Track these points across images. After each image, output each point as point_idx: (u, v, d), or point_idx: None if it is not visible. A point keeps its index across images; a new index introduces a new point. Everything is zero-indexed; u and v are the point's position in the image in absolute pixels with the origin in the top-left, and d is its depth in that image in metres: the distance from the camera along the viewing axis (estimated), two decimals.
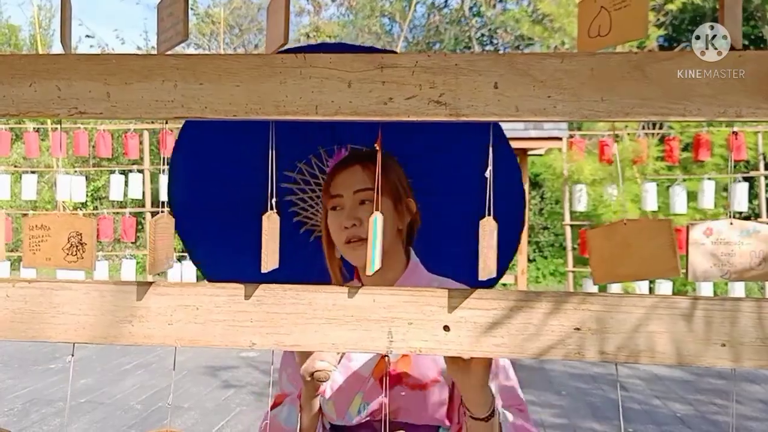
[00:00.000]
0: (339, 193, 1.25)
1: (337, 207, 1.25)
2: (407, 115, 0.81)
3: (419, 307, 0.82)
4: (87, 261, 0.86)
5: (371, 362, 1.23)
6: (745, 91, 0.75)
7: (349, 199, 1.24)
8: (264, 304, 0.84)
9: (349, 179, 1.25)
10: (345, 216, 1.23)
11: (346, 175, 1.26)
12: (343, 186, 1.25)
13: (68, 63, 0.84)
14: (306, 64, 0.82)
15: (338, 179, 1.25)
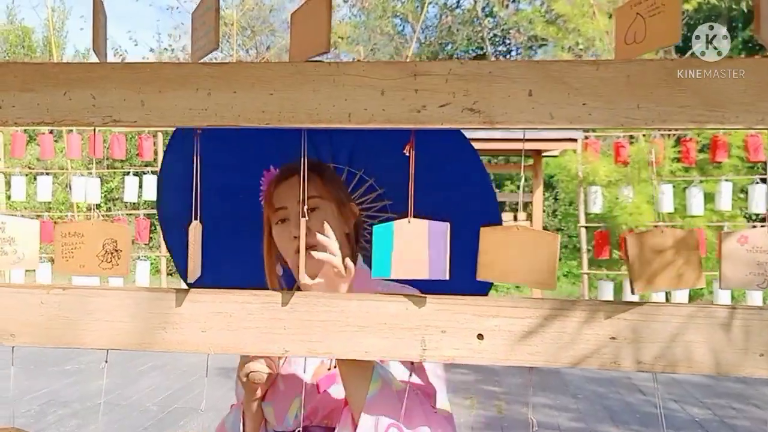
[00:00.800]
0: (283, 206, 1.24)
1: (285, 219, 1.24)
2: (440, 122, 0.81)
3: (452, 315, 0.82)
4: (122, 267, 0.86)
5: (310, 366, 1.22)
6: None
7: (294, 210, 1.23)
8: (297, 311, 0.84)
9: (293, 190, 1.24)
10: (294, 226, 1.22)
11: (287, 186, 1.25)
12: (286, 198, 1.24)
13: (103, 72, 0.84)
14: (339, 72, 0.82)
15: (280, 191, 1.25)
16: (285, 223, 1.24)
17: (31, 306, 0.87)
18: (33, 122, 0.86)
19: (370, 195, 1.45)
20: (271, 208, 1.25)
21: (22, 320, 0.87)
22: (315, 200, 1.24)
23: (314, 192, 1.25)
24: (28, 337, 0.87)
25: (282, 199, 1.25)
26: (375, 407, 1.02)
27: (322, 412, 1.19)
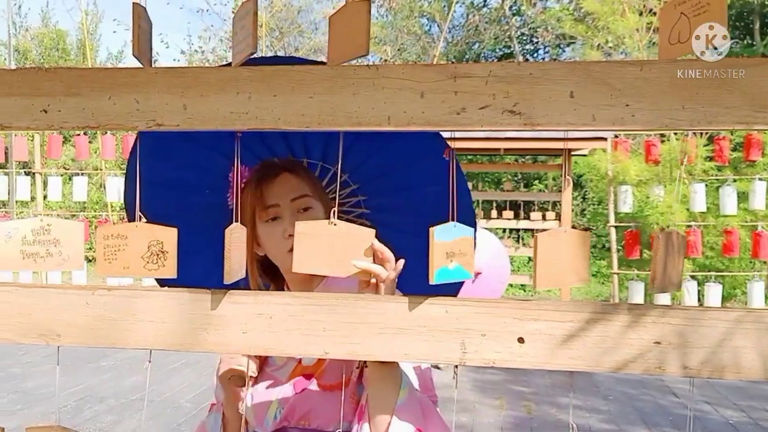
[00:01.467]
0: (275, 203, 1.22)
1: (277, 217, 1.23)
2: (480, 125, 0.81)
3: (492, 318, 0.81)
4: (169, 268, 0.87)
5: (288, 367, 1.22)
6: None
7: (287, 208, 1.22)
8: (337, 313, 0.85)
9: (284, 188, 1.23)
10: (287, 224, 1.20)
11: (280, 183, 1.23)
12: (278, 195, 1.22)
13: (146, 76, 0.86)
14: (378, 75, 0.82)
15: (272, 189, 1.23)
16: (277, 221, 1.22)
17: (76, 307, 0.89)
18: (79, 126, 0.87)
19: (344, 190, 1.43)
20: (261, 206, 1.23)
21: (68, 320, 0.89)
22: (308, 199, 1.24)
23: (307, 191, 1.25)
24: (73, 338, 0.89)
25: (274, 196, 1.23)
26: (405, 413, 1.01)
27: (299, 413, 1.18)
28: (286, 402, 1.19)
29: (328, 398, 1.17)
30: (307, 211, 1.24)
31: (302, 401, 1.18)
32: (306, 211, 1.24)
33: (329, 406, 1.16)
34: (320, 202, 1.27)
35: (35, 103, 0.88)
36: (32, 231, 0.93)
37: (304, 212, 1.24)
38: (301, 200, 1.23)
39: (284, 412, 1.19)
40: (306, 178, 1.28)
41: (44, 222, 0.93)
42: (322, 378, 1.19)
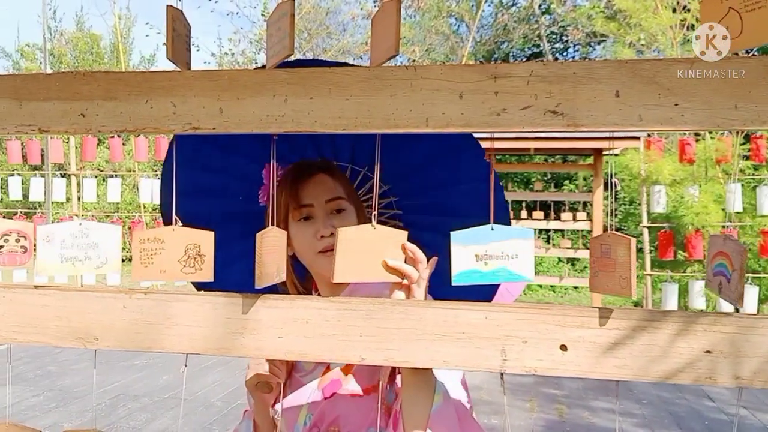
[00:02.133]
0: (309, 203, 1.22)
1: (309, 217, 1.22)
2: (521, 126, 0.79)
3: (534, 324, 0.79)
4: (206, 272, 0.87)
5: (316, 372, 1.20)
6: None
7: (321, 209, 1.21)
8: (374, 318, 0.83)
9: (319, 188, 1.22)
10: (321, 225, 1.20)
11: (314, 184, 1.23)
12: (312, 195, 1.22)
13: (183, 80, 0.85)
14: (416, 76, 0.81)
15: (307, 189, 1.22)
16: (309, 221, 1.22)
17: (114, 310, 0.89)
18: (116, 130, 0.87)
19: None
20: (295, 204, 1.22)
21: (105, 324, 0.89)
22: (342, 202, 1.23)
23: (342, 193, 1.24)
24: (111, 341, 0.89)
25: (308, 196, 1.22)
26: (440, 420, 0.99)
27: (328, 418, 1.17)
28: (316, 408, 1.18)
29: (357, 403, 1.16)
30: (341, 213, 1.23)
31: (331, 407, 1.16)
32: (339, 213, 1.23)
33: (359, 411, 1.15)
34: (353, 204, 1.26)
35: (73, 107, 0.88)
36: (70, 234, 0.93)
37: (337, 214, 1.23)
38: (335, 202, 1.23)
39: (314, 418, 1.18)
40: (340, 180, 1.27)
41: (82, 226, 0.94)
42: (349, 384, 1.17)
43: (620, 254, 0.76)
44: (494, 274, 0.84)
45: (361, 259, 0.86)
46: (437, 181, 1.37)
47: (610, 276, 0.78)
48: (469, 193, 1.34)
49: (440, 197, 1.37)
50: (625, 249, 0.76)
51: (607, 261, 0.79)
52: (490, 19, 18.33)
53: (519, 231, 0.84)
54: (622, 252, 0.76)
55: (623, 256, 0.76)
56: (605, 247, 0.81)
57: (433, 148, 1.33)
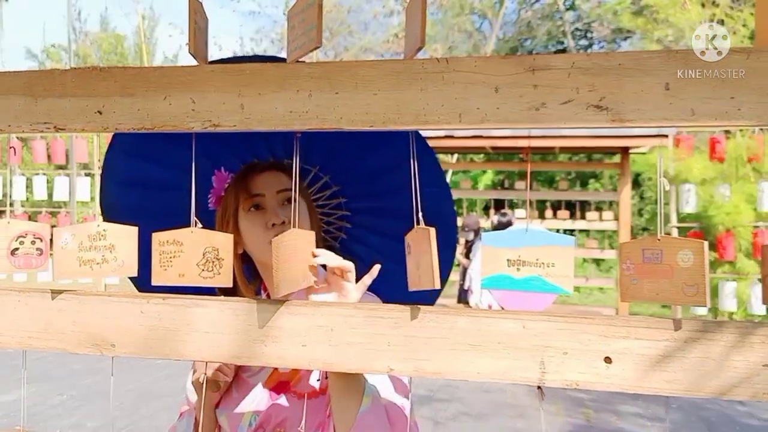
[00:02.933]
0: (260, 192, 1.21)
1: (260, 206, 1.20)
2: (562, 121, 0.73)
3: (575, 335, 0.74)
4: (224, 277, 0.83)
5: (264, 373, 1.19)
6: None
7: (272, 198, 1.20)
8: (402, 326, 0.79)
9: (271, 180, 1.22)
10: (272, 214, 1.18)
11: (266, 176, 1.23)
12: (264, 186, 1.21)
13: (202, 75, 0.81)
14: (449, 69, 0.76)
15: (258, 180, 1.22)
16: (260, 211, 1.20)
17: (131, 316, 0.85)
18: (134, 128, 0.84)
19: (325, 191, 1.41)
20: (246, 194, 1.20)
21: (122, 330, 0.85)
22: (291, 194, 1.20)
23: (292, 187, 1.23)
24: (128, 348, 0.85)
25: (259, 186, 1.21)
26: (368, 422, 0.99)
27: (274, 421, 1.15)
28: (262, 409, 1.17)
29: (302, 406, 1.13)
30: (288, 205, 1.22)
31: (278, 409, 1.15)
32: (290, 203, 1.21)
33: (306, 413, 1.13)
34: (304, 200, 1.26)
35: (90, 104, 0.85)
36: (89, 236, 0.90)
37: (287, 204, 1.21)
38: (286, 192, 1.22)
39: (259, 420, 1.16)
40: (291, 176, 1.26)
41: (100, 227, 0.90)
42: (298, 386, 1.16)
43: (683, 259, 0.71)
44: (527, 282, 0.78)
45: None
46: (391, 185, 1.36)
47: (664, 283, 0.72)
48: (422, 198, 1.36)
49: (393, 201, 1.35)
50: (694, 253, 0.70)
51: (655, 267, 0.73)
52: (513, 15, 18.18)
53: (558, 237, 0.79)
54: (687, 256, 0.70)
55: (688, 261, 0.70)
56: (652, 252, 0.75)
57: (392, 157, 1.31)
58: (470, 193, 10.63)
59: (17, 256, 0.92)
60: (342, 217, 1.43)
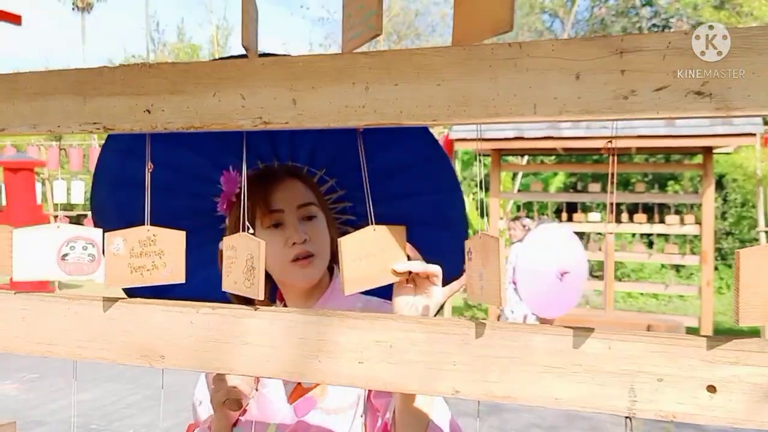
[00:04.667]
0: (279, 208, 1.14)
1: (280, 224, 1.14)
2: (655, 110, 0.63)
3: (673, 358, 0.63)
4: (255, 288, 0.77)
5: (287, 388, 1.14)
6: None
7: (292, 214, 1.14)
8: (469, 344, 0.70)
9: (290, 193, 1.16)
10: (292, 231, 1.13)
11: (284, 189, 1.16)
12: (283, 200, 1.15)
13: (253, 68, 0.76)
14: (522, 54, 0.67)
15: (277, 194, 1.15)
16: (279, 228, 1.14)
17: (180, 326, 0.81)
18: (183, 127, 0.79)
19: (331, 195, 1.34)
20: (264, 210, 1.14)
21: (172, 341, 0.81)
22: (312, 208, 1.17)
23: (313, 199, 1.17)
24: (177, 360, 0.81)
25: (279, 201, 1.14)
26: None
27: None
28: (286, 427, 1.11)
29: (333, 422, 1.09)
30: (312, 220, 1.17)
31: (304, 426, 1.09)
32: (310, 219, 1.17)
33: (333, 429, 1.09)
34: (323, 211, 1.20)
35: (139, 103, 0.81)
36: (139, 242, 0.86)
37: (308, 221, 1.16)
38: (306, 208, 1.16)
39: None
40: (310, 186, 1.21)
41: (150, 231, 0.86)
42: (324, 401, 1.10)
43: None
44: None
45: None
46: (399, 190, 1.31)
47: None
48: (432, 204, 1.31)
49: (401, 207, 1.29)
50: None
51: None
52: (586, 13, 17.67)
53: None
54: None
55: None
56: None
57: (401, 158, 1.27)
58: (541, 196, 10.35)
59: (68, 262, 0.89)
60: (346, 222, 1.38)
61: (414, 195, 1.33)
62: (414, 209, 1.31)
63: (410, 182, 1.31)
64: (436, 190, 1.32)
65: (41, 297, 0.87)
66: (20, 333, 0.87)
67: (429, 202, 1.32)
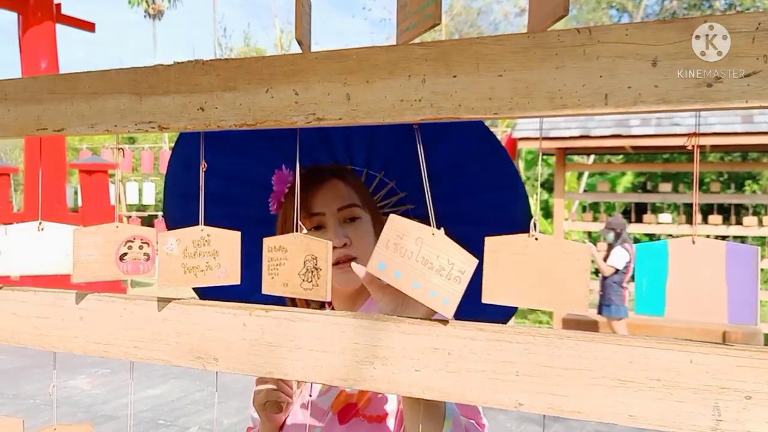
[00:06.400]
0: (320, 211, 1.13)
1: (321, 226, 1.13)
2: (743, 99, 0.57)
3: (763, 374, 0.57)
4: (321, 289, 0.74)
5: (331, 395, 1.12)
6: None
7: (333, 217, 1.13)
8: (534, 353, 0.65)
9: (330, 195, 1.14)
10: (332, 235, 1.11)
11: (326, 191, 1.14)
12: (324, 203, 1.13)
13: (306, 63, 0.73)
14: (592, 41, 0.62)
15: (318, 196, 1.14)
16: (321, 231, 1.12)
17: (233, 328, 0.79)
18: (235, 124, 0.77)
19: (390, 198, 1.31)
20: (305, 213, 1.12)
21: (225, 344, 0.79)
22: (355, 209, 1.13)
23: (355, 200, 1.14)
24: (230, 363, 0.79)
25: (319, 204, 1.12)
26: None
27: None
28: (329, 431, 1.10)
29: (375, 429, 1.09)
30: (354, 222, 1.14)
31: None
32: (353, 221, 1.14)
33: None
34: (368, 212, 1.17)
35: (192, 101, 0.80)
36: (193, 242, 0.85)
37: (350, 223, 1.14)
38: (347, 210, 1.13)
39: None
40: (354, 186, 1.17)
41: (204, 231, 0.85)
42: (367, 408, 1.08)
43: None
44: None
45: (517, 277, 0.68)
46: (460, 189, 1.28)
47: None
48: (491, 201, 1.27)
49: (462, 206, 1.26)
50: None
51: None
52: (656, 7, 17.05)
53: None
54: None
55: None
56: None
57: (456, 156, 1.24)
58: (608, 196, 10.03)
59: (126, 262, 0.89)
60: None
61: (471, 193, 1.29)
62: (472, 207, 1.27)
63: (467, 180, 1.28)
64: (496, 187, 1.28)
65: (99, 297, 0.87)
66: (79, 333, 0.87)
67: (487, 199, 1.28)
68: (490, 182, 1.27)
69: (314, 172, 1.18)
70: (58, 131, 0.87)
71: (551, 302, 0.65)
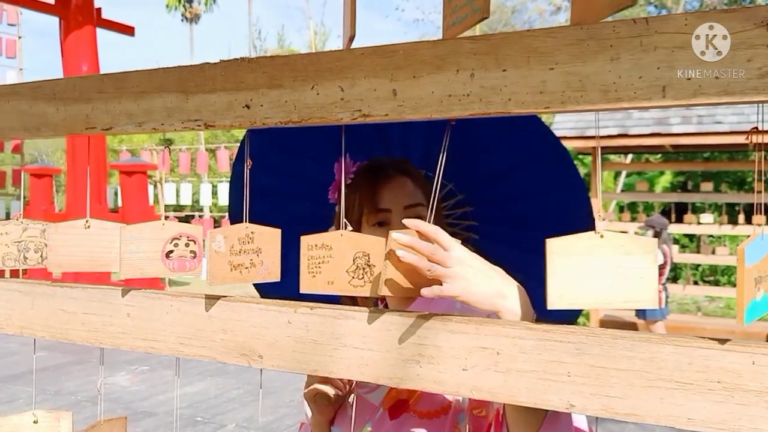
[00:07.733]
0: (387, 208, 1.10)
1: (383, 223, 1.10)
2: None
3: None
4: (375, 285, 0.74)
5: (381, 390, 1.11)
6: None
7: (399, 215, 1.09)
8: (586, 353, 0.64)
9: (399, 192, 1.11)
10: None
11: (394, 186, 1.11)
12: (391, 200, 1.10)
13: (352, 59, 0.73)
14: (649, 31, 0.60)
15: (386, 192, 1.10)
16: (384, 227, 1.09)
17: (278, 325, 0.79)
18: (281, 122, 0.77)
19: (449, 200, 1.28)
20: (371, 208, 1.10)
21: (269, 341, 0.79)
22: (420, 209, 1.10)
23: (422, 200, 1.11)
24: (275, 360, 0.79)
25: (387, 200, 1.10)
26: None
27: None
28: (380, 428, 1.09)
29: (427, 425, 1.07)
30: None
31: (397, 428, 1.07)
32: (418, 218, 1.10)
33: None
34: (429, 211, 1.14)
35: (238, 98, 0.80)
36: (239, 240, 0.85)
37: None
38: (414, 209, 1.10)
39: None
40: (421, 185, 1.14)
41: (248, 229, 0.85)
42: (417, 404, 1.07)
43: None
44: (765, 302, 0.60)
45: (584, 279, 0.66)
46: (519, 191, 1.26)
47: None
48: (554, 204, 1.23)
49: (521, 208, 1.24)
50: None
51: None
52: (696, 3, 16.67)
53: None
54: None
55: None
56: None
57: (515, 156, 1.22)
58: (647, 196, 9.84)
59: (172, 259, 0.90)
60: (468, 228, 1.32)
61: (529, 196, 1.27)
62: (530, 210, 1.26)
63: (524, 183, 1.26)
64: (555, 190, 1.26)
65: (145, 294, 0.88)
66: (126, 329, 0.88)
67: (546, 203, 1.26)
68: (550, 185, 1.25)
69: (379, 166, 1.16)
70: (106, 130, 0.88)
71: (623, 300, 0.63)
